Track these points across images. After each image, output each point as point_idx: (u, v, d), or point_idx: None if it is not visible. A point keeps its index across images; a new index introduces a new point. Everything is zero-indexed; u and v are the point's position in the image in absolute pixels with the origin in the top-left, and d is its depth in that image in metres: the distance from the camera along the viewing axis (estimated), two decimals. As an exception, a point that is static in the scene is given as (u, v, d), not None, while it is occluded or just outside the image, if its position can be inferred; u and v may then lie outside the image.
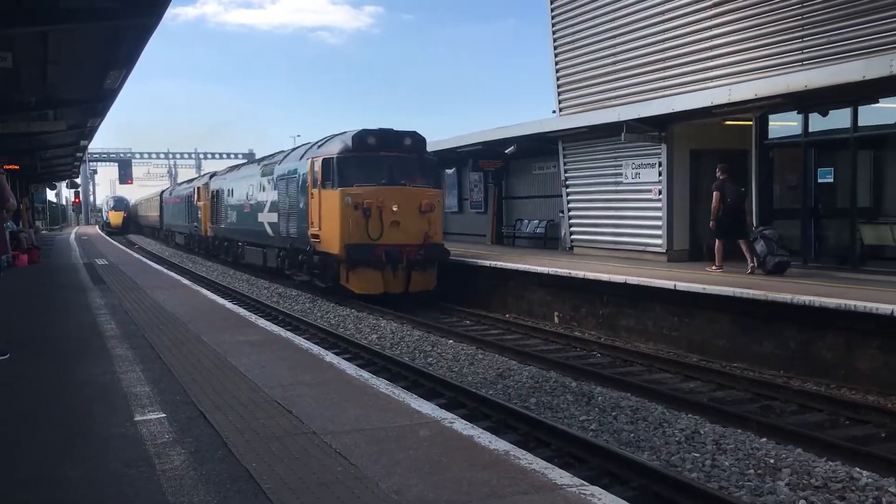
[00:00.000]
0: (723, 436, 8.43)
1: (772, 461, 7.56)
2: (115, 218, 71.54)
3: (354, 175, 18.70)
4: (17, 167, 25.47)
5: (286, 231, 22.37)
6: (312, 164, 19.79)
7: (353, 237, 18.38)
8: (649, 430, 8.75)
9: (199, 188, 36.45)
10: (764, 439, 8.29)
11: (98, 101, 17.36)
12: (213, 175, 35.99)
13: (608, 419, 9.20)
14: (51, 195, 70.35)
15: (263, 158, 28.58)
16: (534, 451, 7.91)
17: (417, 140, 19.40)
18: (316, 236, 19.67)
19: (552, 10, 22.26)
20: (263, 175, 25.14)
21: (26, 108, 17.07)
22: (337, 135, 20.44)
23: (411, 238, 18.54)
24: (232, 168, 34.07)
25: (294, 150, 24.70)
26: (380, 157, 18.96)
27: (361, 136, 18.88)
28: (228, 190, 30.38)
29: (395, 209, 18.38)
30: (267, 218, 24.32)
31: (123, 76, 14.11)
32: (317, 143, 21.94)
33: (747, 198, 15.88)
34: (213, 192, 32.95)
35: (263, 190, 24.94)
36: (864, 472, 7.16)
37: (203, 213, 34.98)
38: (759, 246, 14.79)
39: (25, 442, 5.64)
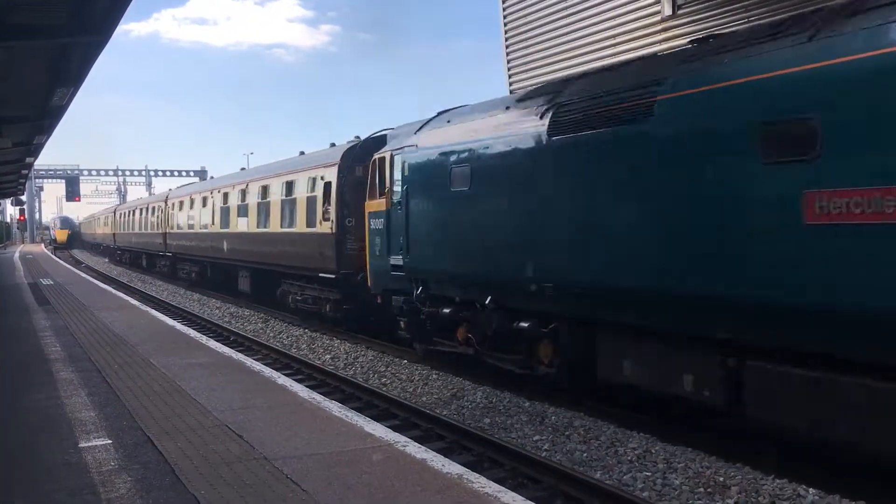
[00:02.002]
0: (673, 455, 8.51)
1: (721, 479, 7.66)
2: (61, 235, 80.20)
3: None
4: None
5: None
6: None
7: None
8: (601, 449, 8.80)
9: None
10: (713, 458, 8.40)
11: (45, 119, 16.99)
12: None
13: (561, 439, 9.24)
14: (-6, 212, 68.69)
15: None
16: (487, 471, 7.93)
17: None
18: None
19: None
20: None
21: (-31, 124, 16.62)
22: None
23: None
24: None
25: None
26: None
27: None
28: None
29: None
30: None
31: (71, 93, 13.85)
32: None
33: None
34: None
35: None
36: (811, 490, 7.30)
37: None
38: None
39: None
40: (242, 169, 28.61)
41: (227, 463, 5.38)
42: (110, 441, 6.04)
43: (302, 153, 21.48)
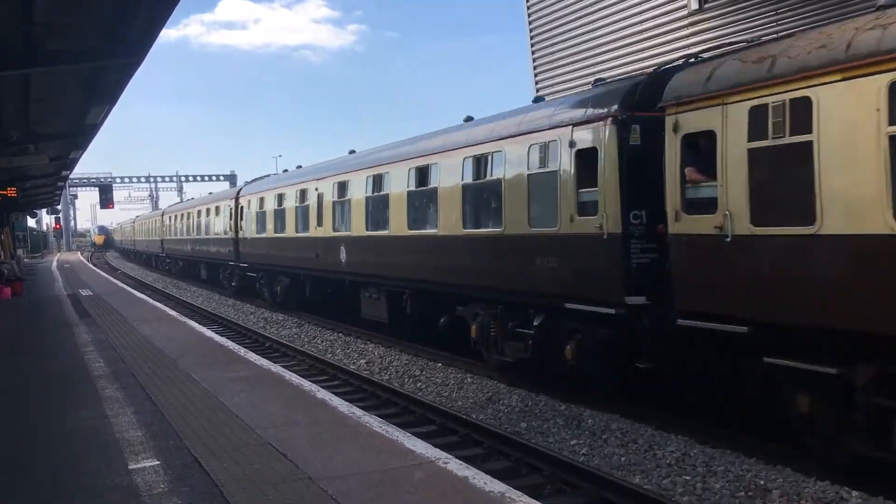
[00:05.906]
0: (712, 457, 8.49)
1: (762, 482, 7.64)
2: (99, 239, 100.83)
3: None
4: (14, 192, 24.12)
5: None
6: None
7: None
8: (640, 453, 8.80)
9: None
10: (753, 460, 8.37)
11: (80, 135, 17.33)
12: None
13: (598, 443, 9.25)
14: (31, 222, 70.09)
15: None
16: (525, 476, 7.99)
17: None
18: None
19: None
20: None
21: (7, 142, 17.00)
22: None
23: None
24: None
25: None
26: None
27: None
28: None
29: None
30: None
31: (106, 111, 14.14)
32: None
33: None
34: None
35: None
36: (854, 492, 7.25)
37: None
38: None
39: (12, 500, 5.59)
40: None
41: (272, 484, 5.49)
42: (158, 462, 6.17)
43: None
